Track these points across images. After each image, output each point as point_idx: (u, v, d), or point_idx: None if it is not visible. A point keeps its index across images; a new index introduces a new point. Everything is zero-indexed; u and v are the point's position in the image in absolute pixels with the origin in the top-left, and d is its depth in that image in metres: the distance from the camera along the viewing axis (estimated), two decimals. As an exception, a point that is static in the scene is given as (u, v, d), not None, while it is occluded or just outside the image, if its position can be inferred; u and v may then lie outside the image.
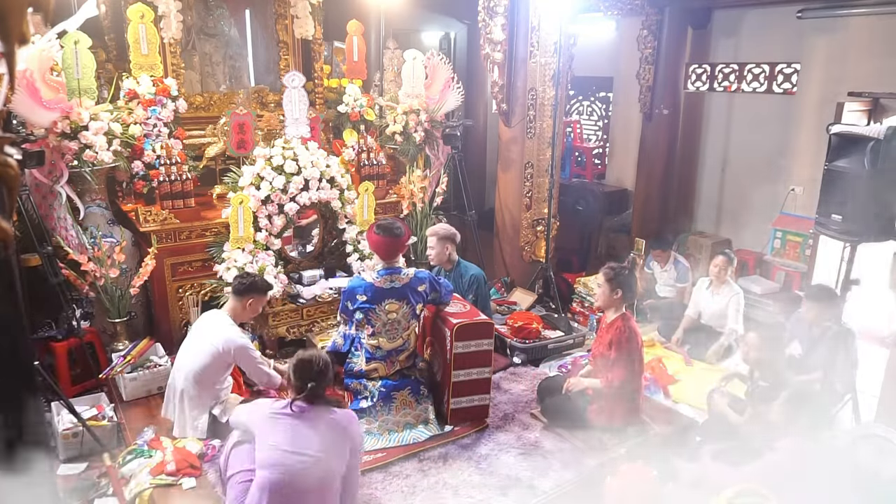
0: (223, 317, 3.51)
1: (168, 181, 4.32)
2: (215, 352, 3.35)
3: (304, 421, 2.57)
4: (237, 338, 3.41)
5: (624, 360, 3.50)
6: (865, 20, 5.24)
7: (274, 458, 2.53)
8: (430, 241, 4.43)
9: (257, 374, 3.51)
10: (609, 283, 3.58)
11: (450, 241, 4.44)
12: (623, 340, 3.51)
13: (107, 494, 3.15)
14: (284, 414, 2.59)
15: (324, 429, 2.58)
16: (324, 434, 2.57)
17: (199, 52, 5.05)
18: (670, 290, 5.66)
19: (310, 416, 2.58)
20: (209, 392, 3.44)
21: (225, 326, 3.44)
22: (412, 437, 3.57)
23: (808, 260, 5.67)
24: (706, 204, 6.87)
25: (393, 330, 3.57)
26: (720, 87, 6.46)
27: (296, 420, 2.57)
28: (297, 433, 2.55)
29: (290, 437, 2.55)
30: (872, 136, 3.14)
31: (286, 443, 2.54)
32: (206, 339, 3.40)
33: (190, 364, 3.39)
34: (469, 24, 7.89)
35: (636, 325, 3.64)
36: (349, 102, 5.29)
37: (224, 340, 3.36)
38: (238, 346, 3.39)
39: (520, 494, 3.20)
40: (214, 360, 3.37)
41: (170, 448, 3.28)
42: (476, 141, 8.21)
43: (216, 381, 3.46)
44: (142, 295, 4.42)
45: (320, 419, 2.59)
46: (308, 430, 2.56)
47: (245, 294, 3.52)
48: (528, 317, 4.91)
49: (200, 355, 3.37)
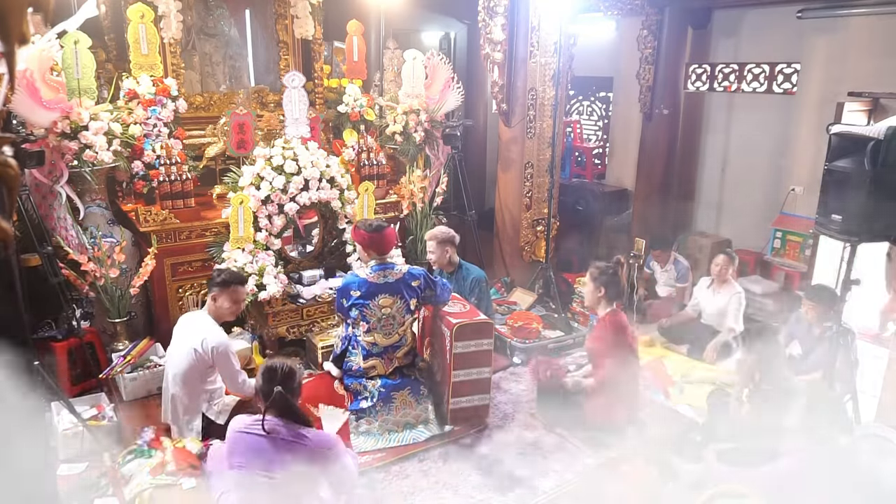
0: (203, 317, 3.45)
1: (168, 181, 4.32)
2: (195, 353, 3.30)
3: (272, 442, 2.51)
4: (215, 338, 3.33)
5: (612, 352, 3.56)
6: (865, 20, 5.24)
7: (238, 478, 2.52)
8: (430, 245, 4.44)
9: (231, 377, 3.41)
10: (593, 282, 3.69)
11: (449, 244, 4.44)
12: (608, 334, 3.59)
13: (107, 494, 3.15)
14: (253, 432, 2.54)
15: (293, 454, 2.49)
16: (292, 459, 2.49)
17: (199, 52, 5.04)
18: (670, 290, 5.66)
19: (279, 437, 2.51)
20: (198, 394, 3.41)
21: (204, 327, 3.37)
22: (412, 437, 3.57)
23: (808, 260, 5.67)
24: (706, 204, 6.87)
25: (388, 325, 3.58)
26: (720, 87, 6.46)
27: (264, 440, 2.51)
28: (264, 453, 2.50)
29: (256, 457, 2.50)
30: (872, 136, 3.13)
31: (251, 462, 2.49)
32: (186, 342, 3.35)
33: (175, 367, 3.37)
34: (469, 24, 7.88)
35: (625, 319, 3.68)
36: (349, 102, 5.28)
37: (202, 341, 3.30)
38: (215, 345, 3.31)
39: (520, 494, 3.20)
40: (196, 362, 3.32)
41: (170, 448, 3.27)
42: (476, 141, 8.20)
43: (203, 383, 3.42)
44: (142, 295, 4.41)
45: (291, 443, 2.51)
46: (275, 453, 2.49)
47: (210, 289, 3.47)
48: (528, 317, 4.91)
49: (183, 358, 3.33)
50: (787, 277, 5.90)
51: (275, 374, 2.59)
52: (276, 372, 2.60)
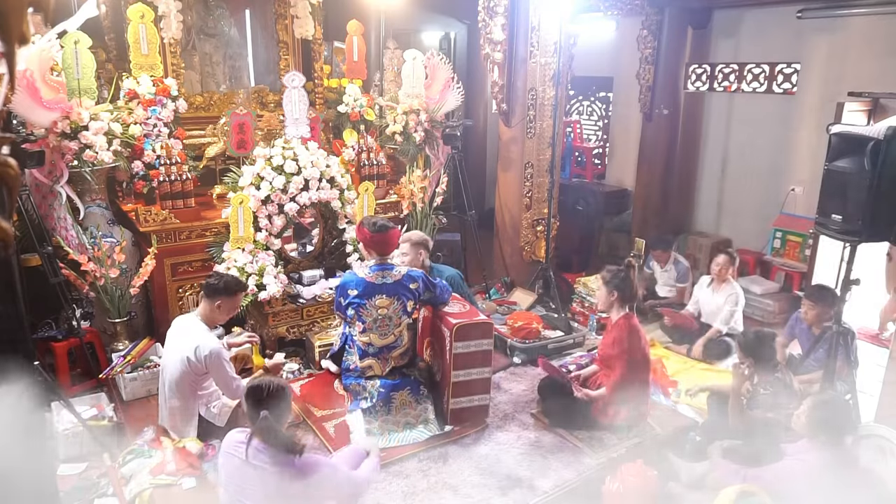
0: (194, 322, 3.34)
1: (168, 181, 4.32)
2: (187, 361, 3.21)
3: (254, 468, 2.38)
4: (207, 344, 3.22)
5: (625, 357, 3.55)
6: (865, 20, 5.24)
7: (224, 499, 2.48)
8: (403, 247, 4.30)
9: (225, 383, 3.31)
10: (606, 286, 3.68)
11: (423, 247, 4.34)
12: (624, 338, 3.57)
13: (107, 494, 3.15)
14: (236, 454, 2.42)
15: (274, 484, 2.36)
16: (273, 490, 2.36)
17: (199, 52, 5.05)
18: (670, 290, 5.67)
19: (261, 464, 2.38)
20: (193, 401, 3.37)
21: (196, 332, 3.27)
22: (412, 437, 3.57)
23: (808, 260, 5.67)
24: (706, 204, 6.88)
25: (384, 326, 3.57)
26: (720, 87, 6.46)
27: (249, 467, 2.39)
28: (245, 479, 2.39)
29: (237, 482, 2.41)
30: (872, 136, 3.13)
31: (233, 486, 2.41)
32: (178, 350, 3.26)
33: (169, 375, 3.31)
34: (469, 24, 7.89)
35: (639, 324, 3.68)
36: (349, 102, 5.29)
37: (194, 348, 3.20)
38: (208, 352, 3.20)
39: (520, 494, 3.20)
40: (189, 370, 3.24)
41: (170, 448, 3.27)
42: (476, 141, 8.21)
43: (197, 389, 3.37)
44: (142, 295, 4.42)
45: (272, 472, 2.37)
46: (256, 480, 2.37)
47: (213, 296, 3.34)
48: (528, 317, 4.91)
49: (176, 366, 3.26)
50: (787, 277, 5.90)
51: (260, 396, 2.43)
52: (261, 392, 2.43)
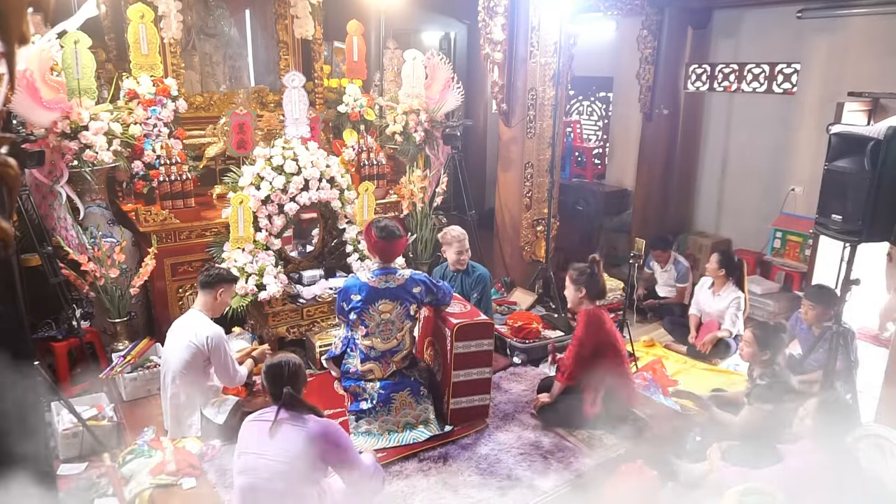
0: (196, 313, 3.49)
1: (168, 181, 4.32)
2: (192, 347, 3.35)
3: (274, 427, 2.55)
4: (210, 329, 3.39)
5: (576, 342, 3.62)
6: (865, 20, 5.24)
7: (243, 462, 2.57)
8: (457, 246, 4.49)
9: (223, 367, 3.44)
10: (574, 284, 3.73)
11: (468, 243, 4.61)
12: (580, 324, 3.64)
13: (107, 494, 3.15)
14: (261, 420, 2.59)
15: (290, 439, 2.53)
16: (289, 444, 2.52)
17: (199, 52, 5.05)
18: (670, 290, 5.67)
19: (280, 423, 2.55)
20: (197, 391, 3.44)
21: (198, 321, 3.43)
22: (412, 437, 3.57)
23: (808, 260, 5.68)
24: (706, 204, 6.88)
25: (387, 331, 3.56)
26: (720, 87, 6.46)
27: (266, 425, 2.55)
28: (265, 438, 2.54)
29: (258, 442, 2.54)
30: (872, 136, 3.13)
31: (255, 447, 2.55)
32: (183, 337, 3.40)
33: (173, 366, 3.39)
34: (469, 24, 7.89)
35: (602, 312, 3.70)
36: (349, 102, 5.29)
37: (196, 333, 3.36)
38: (209, 334, 3.36)
39: (520, 494, 3.20)
40: (194, 356, 3.37)
41: (170, 448, 3.28)
42: (476, 141, 8.21)
43: (202, 379, 3.45)
44: (142, 295, 4.42)
45: (289, 429, 2.54)
46: (275, 437, 2.54)
47: (215, 286, 3.50)
48: (528, 317, 4.91)
49: (180, 352, 3.37)
50: (787, 277, 5.90)
51: (282, 373, 2.58)
52: (282, 370, 2.59)
